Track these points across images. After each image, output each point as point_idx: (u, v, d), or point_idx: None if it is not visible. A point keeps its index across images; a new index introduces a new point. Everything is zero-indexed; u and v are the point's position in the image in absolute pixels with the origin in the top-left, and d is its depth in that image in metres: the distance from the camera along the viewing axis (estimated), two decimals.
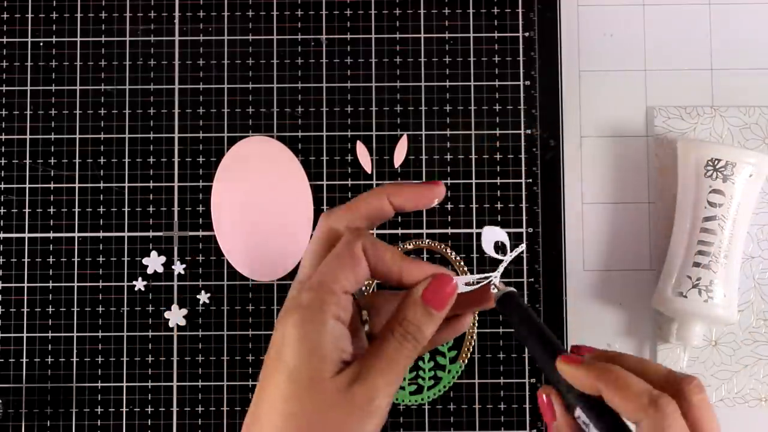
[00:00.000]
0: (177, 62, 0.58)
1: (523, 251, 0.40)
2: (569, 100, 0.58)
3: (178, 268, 0.57)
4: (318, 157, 0.57)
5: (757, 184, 0.53)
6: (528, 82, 0.58)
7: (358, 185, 0.57)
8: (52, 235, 0.57)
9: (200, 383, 0.56)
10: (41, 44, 0.58)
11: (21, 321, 0.57)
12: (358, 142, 0.57)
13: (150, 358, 0.56)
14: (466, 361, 0.56)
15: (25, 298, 0.57)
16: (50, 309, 0.57)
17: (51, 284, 0.57)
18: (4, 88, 0.58)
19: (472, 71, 0.58)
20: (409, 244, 0.57)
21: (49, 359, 0.56)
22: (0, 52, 0.58)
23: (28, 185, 0.58)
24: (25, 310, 0.57)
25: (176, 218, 0.57)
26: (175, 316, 0.56)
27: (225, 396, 0.56)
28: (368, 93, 0.58)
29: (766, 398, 0.56)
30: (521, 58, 0.58)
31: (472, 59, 0.58)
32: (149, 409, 0.56)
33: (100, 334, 0.56)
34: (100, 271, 0.57)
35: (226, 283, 0.57)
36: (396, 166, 0.57)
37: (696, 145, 0.54)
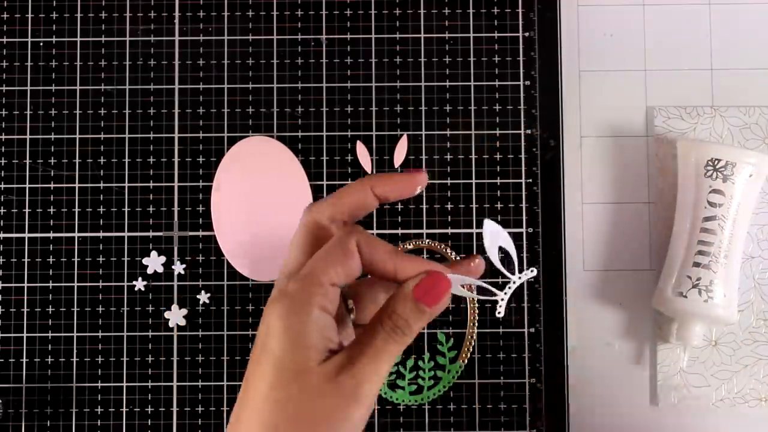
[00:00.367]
0: (177, 62, 0.58)
1: (534, 275, 0.40)
2: (569, 100, 0.58)
3: (178, 268, 0.57)
4: (318, 157, 0.57)
5: (757, 184, 0.53)
6: (528, 82, 0.58)
7: None
8: (52, 235, 0.57)
9: (200, 383, 0.56)
10: (41, 44, 0.58)
11: (21, 321, 0.57)
12: (358, 142, 0.57)
13: (150, 358, 0.56)
14: (466, 361, 0.56)
15: (25, 298, 0.57)
16: (50, 309, 0.57)
17: (51, 284, 0.57)
18: (4, 88, 0.58)
19: (472, 71, 0.58)
20: (409, 244, 0.57)
21: (49, 359, 0.56)
22: (0, 52, 0.58)
23: (28, 185, 0.57)
24: (25, 310, 0.57)
25: (176, 218, 0.57)
26: (175, 316, 0.56)
27: (225, 396, 0.56)
28: (368, 93, 0.58)
29: (766, 398, 0.55)
30: (521, 58, 0.58)
31: (472, 59, 0.58)
32: (149, 409, 0.56)
33: (100, 334, 0.57)
34: (100, 271, 0.57)
35: (226, 283, 0.57)
36: (396, 166, 0.57)
37: (696, 145, 0.54)
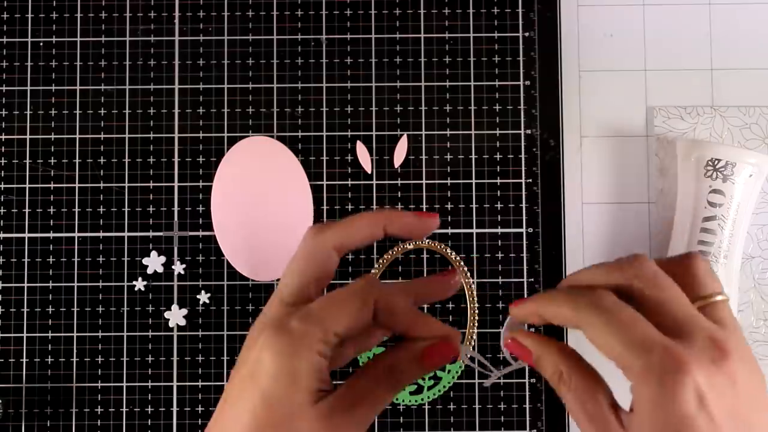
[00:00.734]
0: (177, 62, 0.58)
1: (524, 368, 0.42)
2: (569, 100, 0.58)
3: (178, 268, 0.57)
4: (318, 157, 0.57)
5: (757, 184, 0.53)
6: (528, 82, 0.58)
7: (358, 185, 0.57)
8: (52, 235, 0.57)
9: (200, 383, 0.56)
10: (41, 44, 0.58)
11: (21, 321, 0.57)
12: (358, 142, 0.57)
13: (150, 358, 0.56)
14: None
15: (25, 298, 0.57)
16: (50, 309, 0.57)
17: (51, 284, 0.57)
18: (4, 88, 0.58)
19: (472, 71, 0.58)
20: (409, 244, 0.56)
21: (49, 359, 0.56)
22: (0, 52, 0.58)
23: (28, 185, 0.57)
24: (25, 310, 0.57)
25: (176, 218, 0.57)
26: (175, 316, 0.56)
27: None
28: (368, 93, 0.58)
29: None
30: (521, 58, 0.58)
31: (472, 59, 0.58)
32: (149, 409, 0.56)
33: (100, 334, 0.56)
34: (100, 271, 0.57)
35: (226, 283, 0.57)
36: (396, 166, 0.57)
37: (696, 145, 0.54)
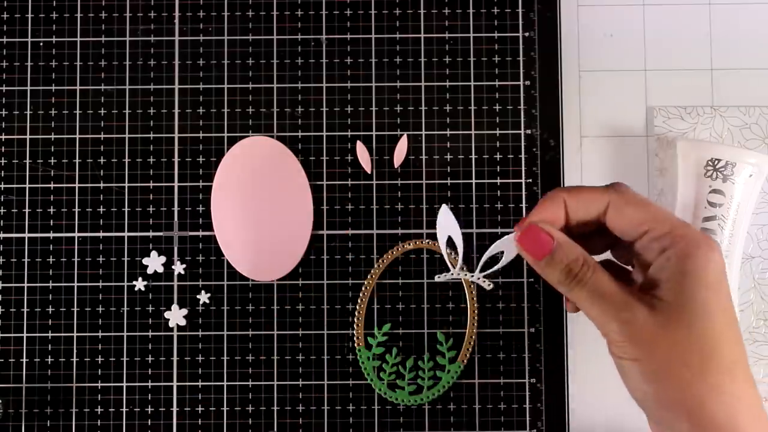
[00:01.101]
0: (177, 62, 0.58)
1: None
2: (569, 100, 0.58)
3: (178, 268, 0.57)
4: (318, 157, 0.57)
5: (757, 184, 0.53)
6: (528, 82, 0.58)
7: (358, 185, 0.57)
8: (52, 235, 0.57)
9: (200, 383, 0.56)
10: (41, 44, 0.58)
11: (21, 321, 0.57)
12: (358, 142, 0.57)
13: (150, 358, 0.56)
14: (466, 361, 0.56)
15: (25, 298, 0.57)
16: (50, 309, 0.57)
17: (51, 284, 0.57)
18: (4, 88, 0.58)
19: (472, 71, 0.58)
20: (409, 244, 0.56)
21: (49, 359, 0.56)
22: (0, 52, 0.58)
23: (28, 185, 0.58)
24: (25, 310, 0.57)
25: (176, 218, 0.57)
26: (175, 316, 0.56)
27: (225, 396, 0.56)
28: (368, 93, 0.58)
29: (766, 398, 0.55)
30: (521, 58, 0.58)
31: (472, 59, 0.58)
32: (149, 409, 0.56)
33: (100, 334, 0.56)
34: (100, 271, 0.57)
35: (226, 283, 0.57)
36: (396, 166, 0.57)
37: (696, 145, 0.54)
